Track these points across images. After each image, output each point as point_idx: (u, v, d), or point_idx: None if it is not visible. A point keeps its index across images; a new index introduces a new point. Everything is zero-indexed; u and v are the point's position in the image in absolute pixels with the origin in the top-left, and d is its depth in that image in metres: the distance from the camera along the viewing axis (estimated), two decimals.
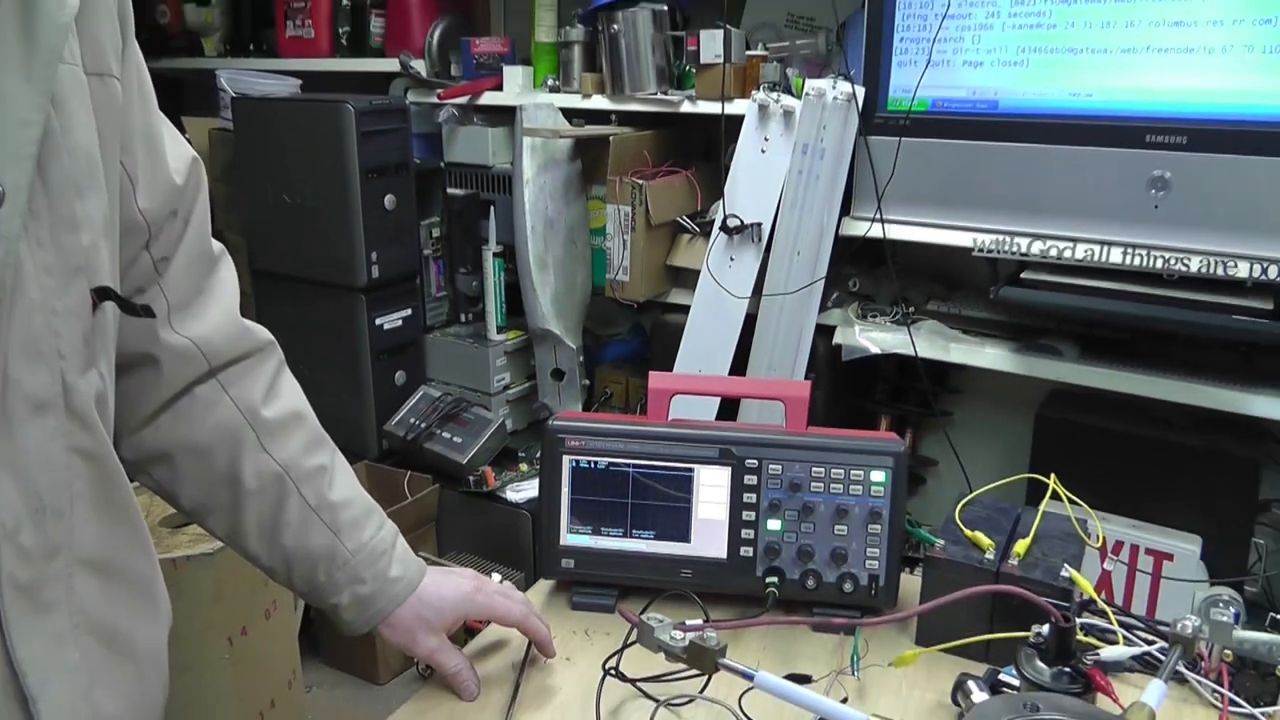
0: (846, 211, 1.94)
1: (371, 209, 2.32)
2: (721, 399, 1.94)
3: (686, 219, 2.22)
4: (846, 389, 2.11)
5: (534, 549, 2.23)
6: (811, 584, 0.97)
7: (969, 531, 0.95)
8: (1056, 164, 1.71)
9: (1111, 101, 1.67)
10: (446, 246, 2.56)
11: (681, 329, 2.11)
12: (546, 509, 1.01)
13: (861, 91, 1.87)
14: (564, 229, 2.30)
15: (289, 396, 0.84)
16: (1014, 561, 0.91)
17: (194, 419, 0.79)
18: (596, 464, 1.00)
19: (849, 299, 2.07)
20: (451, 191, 2.51)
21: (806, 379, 1.98)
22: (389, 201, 2.36)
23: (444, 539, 2.43)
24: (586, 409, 2.45)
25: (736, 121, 2.03)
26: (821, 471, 0.96)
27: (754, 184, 2.01)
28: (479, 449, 2.34)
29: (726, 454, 0.98)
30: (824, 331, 2.00)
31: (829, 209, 1.93)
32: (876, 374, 2.16)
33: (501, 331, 2.47)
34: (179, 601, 0.77)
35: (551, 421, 1.02)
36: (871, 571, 0.96)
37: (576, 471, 1.00)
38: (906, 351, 1.92)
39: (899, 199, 1.88)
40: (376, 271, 2.36)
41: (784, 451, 0.97)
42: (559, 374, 2.41)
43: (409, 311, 2.49)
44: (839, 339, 1.98)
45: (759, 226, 2.00)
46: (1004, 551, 0.93)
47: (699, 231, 2.19)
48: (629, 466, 0.99)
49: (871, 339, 1.94)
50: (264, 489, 0.81)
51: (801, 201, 1.95)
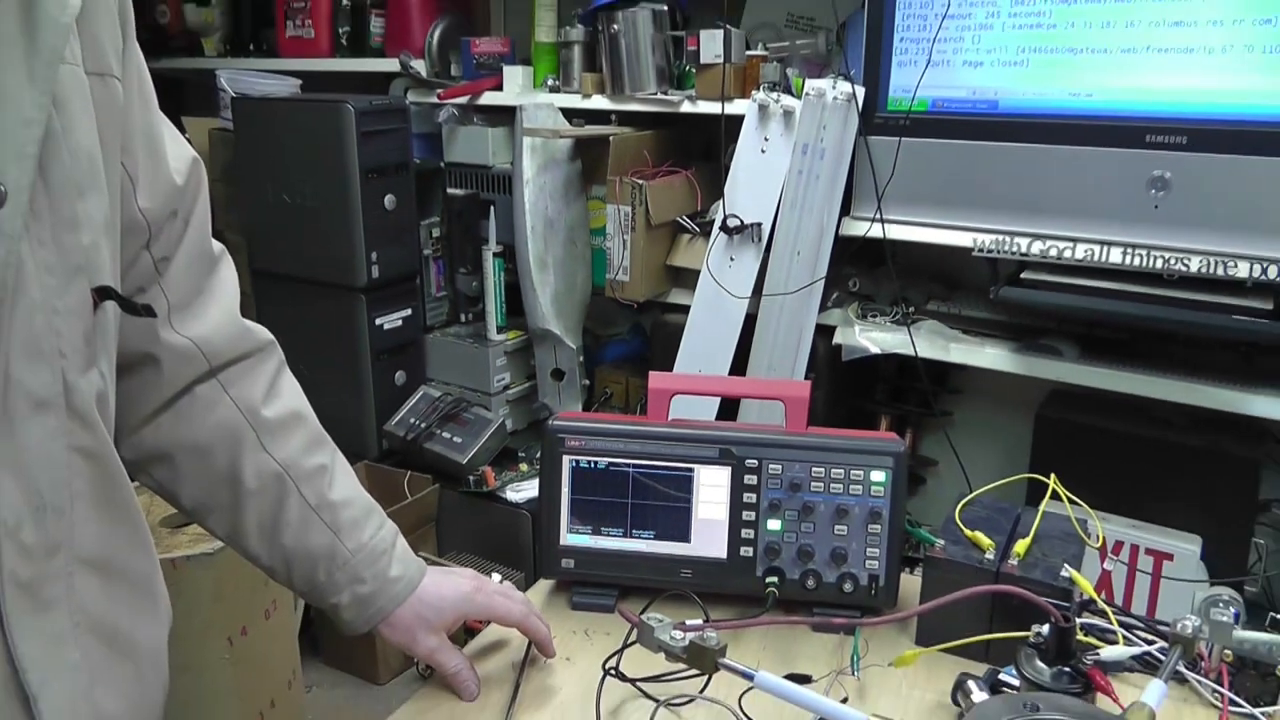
0: (846, 211, 1.94)
1: (371, 209, 2.32)
2: (721, 399, 1.94)
3: (686, 219, 2.22)
4: (846, 389, 2.11)
5: (534, 549, 2.23)
6: (811, 584, 0.97)
7: (969, 531, 0.95)
8: (1056, 164, 1.71)
9: (1111, 101, 1.67)
10: (446, 246, 2.56)
11: (681, 329, 2.11)
12: (546, 509, 1.01)
13: (861, 91, 1.87)
14: (564, 229, 2.30)
15: (289, 396, 0.85)
16: (1014, 561, 0.91)
17: (194, 419, 0.79)
18: (596, 464, 1.00)
19: (849, 299, 2.07)
20: (451, 191, 2.51)
21: (806, 379, 1.98)
22: (389, 201, 2.36)
23: (444, 539, 2.43)
24: (586, 409, 2.45)
25: (736, 121, 2.03)
26: (821, 471, 0.96)
27: (754, 184, 2.01)
28: (479, 449, 2.34)
29: (726, 454, 0.98)
30: (824, 331, 2.01)
31: (829, 209, 1.93)
32: (876, 374, 2.16)
33: (501, 331, 2.47)
34: (179, 601, 0.77)
35: (551, 421, 1.02)
36: (871, 571, 0.96)
37: (576, 471, 1.00)
38: (906, 351, 1.92)
39: (899, 199, 1.88)
40: (376, 271, 2.36)
41: (784, 451, 0.97)
42: (559, 374, 2.41)
43: (409, 311, 2.49)
44: (839, 339, 1.98)
45: (759, 226, 2.00)
46: (1004, 551, 0.93)
47: (699, 231, 2.19)
48: (629, 466, 0.99)
49: (871, 339, 1.94)
50: (264, 489, 0.81)
51: (801, 201, 1.95)
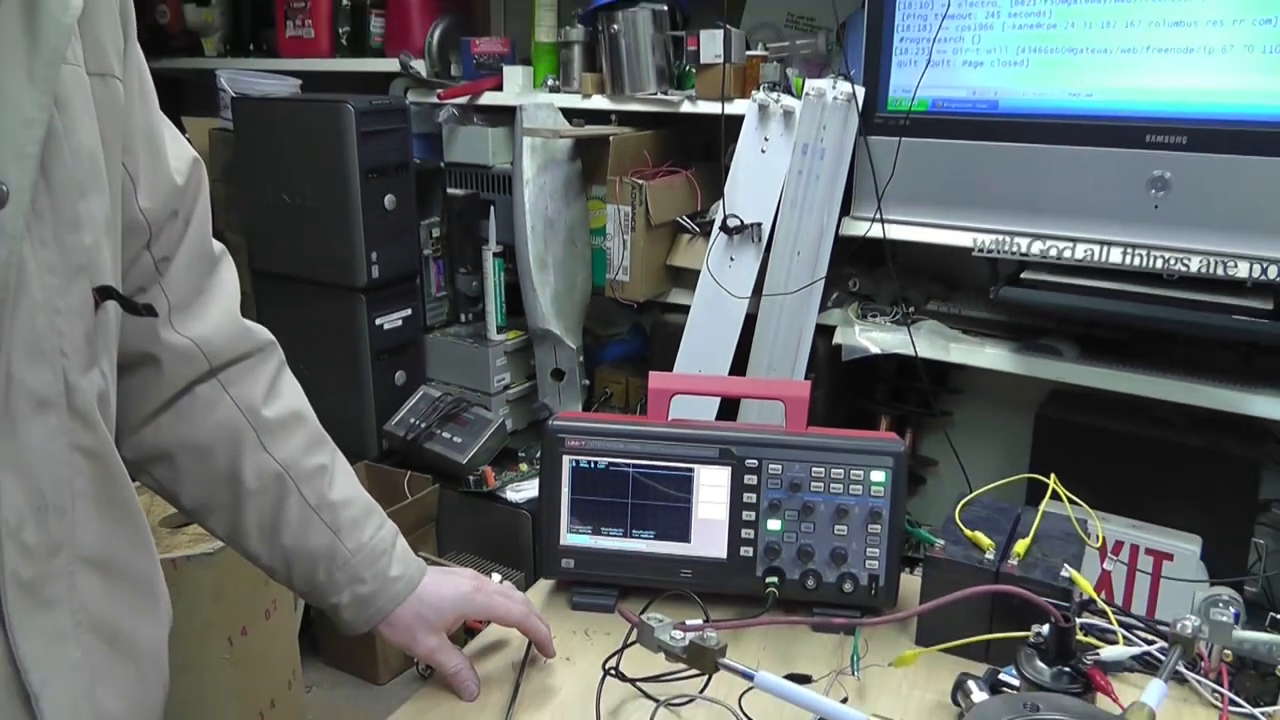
0: (846, 211, 1.94)
1: (371, 209, 2.32)
2: (721, 399, 1.94)
3: (686, 219, 2.22)
4: (846, 389, 2.11)
5: (534, 549, 2.23)
6: (811, 584, 0.97)
7: (969, 531, 0.95)
8: (1056, 164, 1.71)
9: (1111, 101, 1.67)
10: (446, 246, 2.56)
11: (681, 329, 2.11)
12: (546, 509, 1.01)
13: (861, 91, 1.87)
14: (564, 229, 2.31)
15: (289, 396, 0.85)
16: (1014, 561, 0.91)
17: (194, 418, 0.79)
18: (596, 464, 1.00)
19: (849, 299, 2.07)
20: (451, 191, 2.51)
21: (806, 379, 1.98)
22: (389, 201, 2.36)
23: (444, 539, 2.43)
24: (586, 409, 2.45)
25: (736, 121, 2.03)
26: (821, 471, 0.96)
27: (754, 184, 2.01)
28: (479, 449, 2.34)
29: (726, 454, 0.98)
30: (824, 331, 2.01)
31: (829, 209, 1.93)
32: (876, 374, 2.16)
33: (501, 331, 2.47)
34: (179, 601, 0.77)
35: (551, 421, 1.02)
36: (871, 571, 0.96)
37: (576, 471, 1.00)
38: (906, 351, 1.92)
39: (899, 199, 1.88)
40: (376, 271, 2.36)
41: (784, 451, 0.97)
42: (559, 374, 2.41)
43: (409, 311, 2.49)
44: (839, 339, 1.98)
45: (759, 226, 2.00)
46: (1004, 551, 0.93)
47: (699, 231, 2.20)
48: (629, 466, 0.99)
49: (871, 339, 1.94)
50: (264, 488, 0.81)
51: (801, 201, 1.95)
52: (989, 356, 1.90)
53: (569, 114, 2.30)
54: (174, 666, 0.75)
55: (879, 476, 0.96)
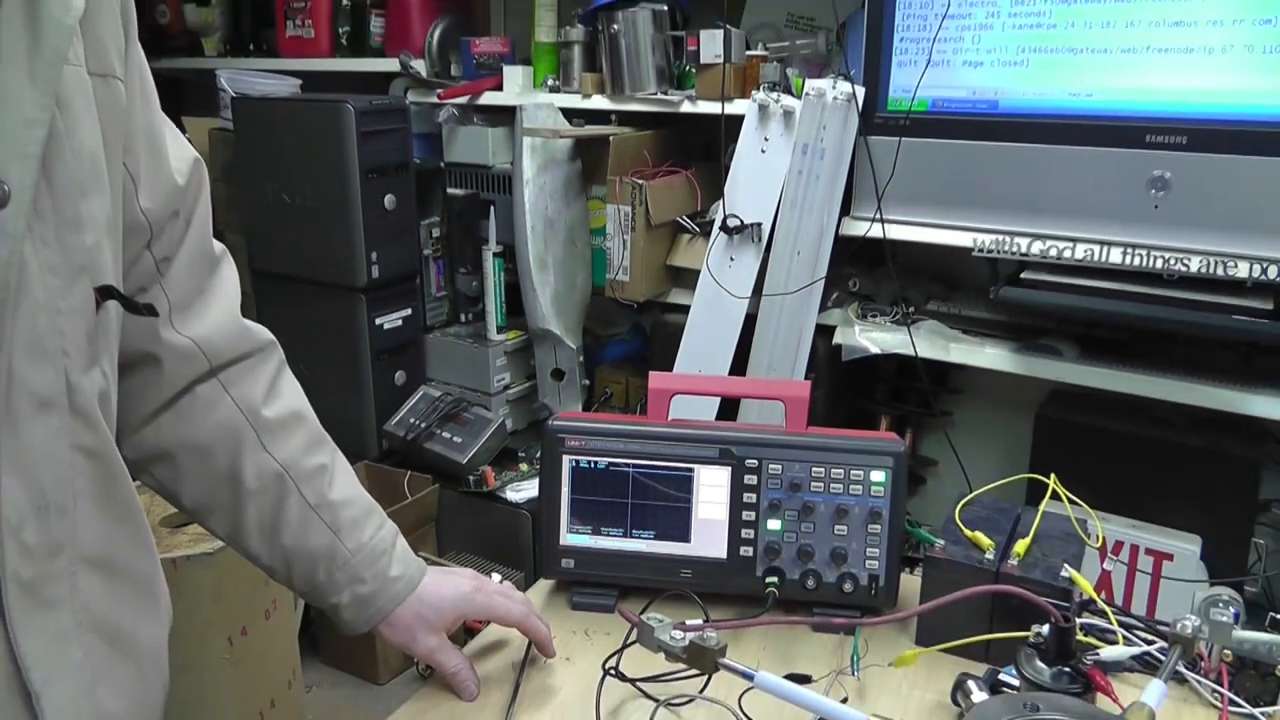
0: (846, 211, 1.94)
1: (371, 209, 2.32)
2: (721, 399, 1.94)
3: (686, 219, 2.22)
4: (846, 389, 2.11)
5: (534, 549, 2.23)
6: (811, 584, 0.97)
7: (969, 531, 0.95)
8: (1056, 164, 1.71)
9: (1111, 101, 1.67)
10: (446, 246, 2.56)
11: (681, 329, 2.11)
12: (546, 509, 1.01)
13: (861, 91, 1.87)
14: (564, 229, 2.31)
15: (289, 396, 0.85)
16: (1014, 561, 0.91)
17: (195, 418, 0.79)
18: (596, 464, 1.00)
19: (849, 299, 2.07)
20: (451, 191, 2.51)
21: (806, 379, 1.98)
22: (389, 201, 2.36)
23: (444, 539, 2.44)
24: (586, 409, 2.45)
25: (736, 121, 2.03)
26: (821, 471, 0.96)
27: (754, 184, 2.01)
28: (479, 449, 2.34)
29: (726, 454, 0.98)
30: (824, 331, 2.01)
31: (829, 209, 1.93)
32: (876, 374, 2.16)
33: (501, 331, 2.47)
34: (179, 601, 0.77)
35: (551, 421, 1.02)
36: (871, 571, 0.96)
37: (576, 471, 1.00)
38: (906, 351, 1.92)
39: (899, 199, 1.88)
40: (376, 271, 2.36)
41: (784, 451, 0.97)
42: (559, 374, 2.41)
43: (409, 311, 2.49)
44: (839, 339, 1.98)
45: (759, 226, 2.00)
46: (1004, 551, 0.93)
47: (699, 231, 2.20)
48: (629, 466, 0.99)
49: (871, 339, 1.94)
50: (264, 488, 0.81)
51: (801, 201, 1.95)
52: (989, 356, 1.90)
53: (569, 114, 2.30)
54: (174, 666, 0.75)
55: (879, 476, 0.96)
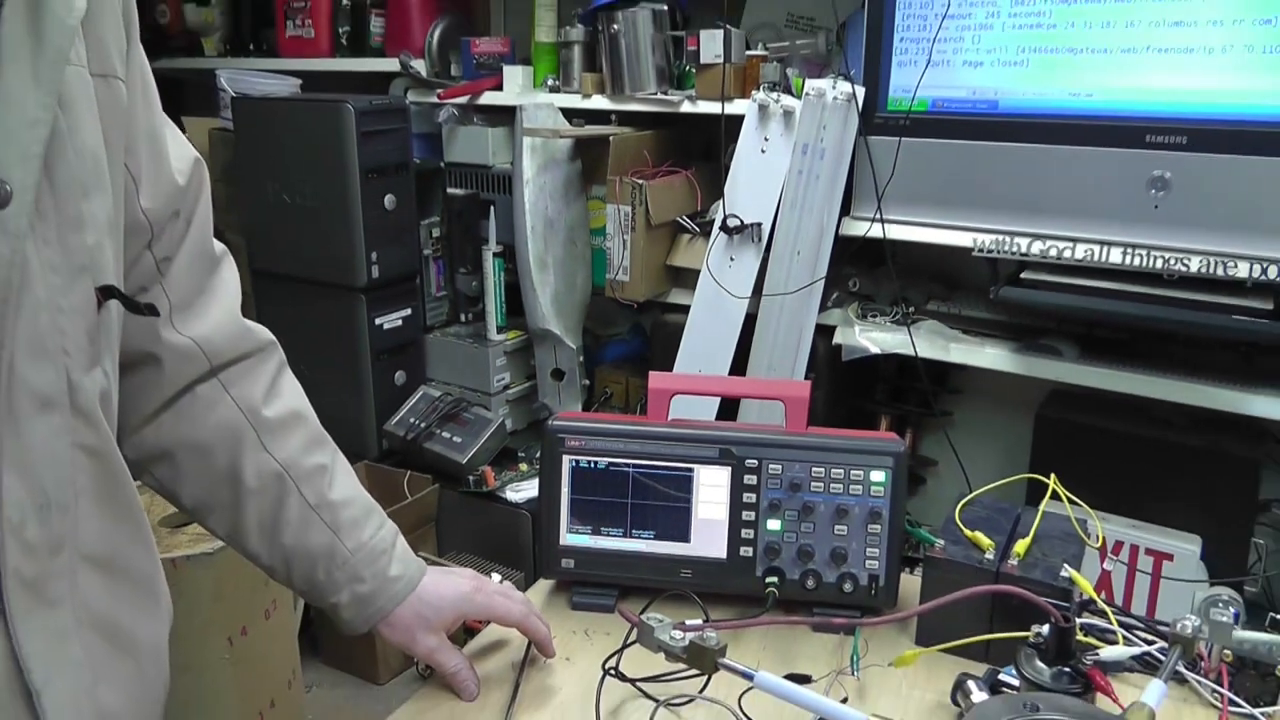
0: (846, 211, 1.94)
1: (371, 209, 2.32)
2: (721, 399, 1.94)
3: (686, 219, 2.22)
4: (846, 389, 2.11)
5: (534, 549, 2.23)
6: (811, 584, 0.97)
7: (969, 531, 0.95)
8: (1056, 164, 1.71)
9: (1111, 101, 1.67)
10: (446, 246, 2.56)
11: (681, 329, 2.11)
12: (546, 509, 1.01)
13: (861, 91, 1.87)
14: (564, 229, 2.31)
15: (290, 396, 0.85)
16: (1014, 561, 0.91)
17: (195, 418, 0.80)
18: (596, 464, 1.00)
19: (849, 299, 2.07)
20: (451, 191, 2.51)
21: (806, 379, 1.98)
22: (389, 201, 2.36)
23: (444, 539, 2.44)
24: (586, 409, 2.45)
25: (736, 121, 2.03)
26: (821, 471, 0.96)
27: (754, 184, 2.01)
28: (479, 449, 2.34)
29: (726, 454, 0.98)
30: (824, 331, 2.01)
31: (829, 209, 1.93)
32: (876, 374, 2.16)
33: (501, 331, 2.47)
34: (179, 601, 0.77)
35: (551, 421, 1.02)
36: (871, 571, 0.96)
37: (576, 471, 1.00)
38: (906, 351, 1.92)
39: (899, 199, 1.88)
40: (376, 271, 2.36)
41: (784, 451, 0.97)
42: (559, 374, 2.41)
43: (409, 311, 2.49)
44: (839, 339, 1.98)
45: (759, 226, 2.00)
46: (1004, 551, 0.93)
47: (699, 231, 2.20)
48: (629, 466, 0.99)
49: (871, 339, 1.94)
50: (264, 488, 0.81)
51: (801, 201, 1.95)
52: (989, 356, 1.90)
53: (569, 114, 2.30)
54: (174, 666, 0.75)
55: (879, 476, 0.96)
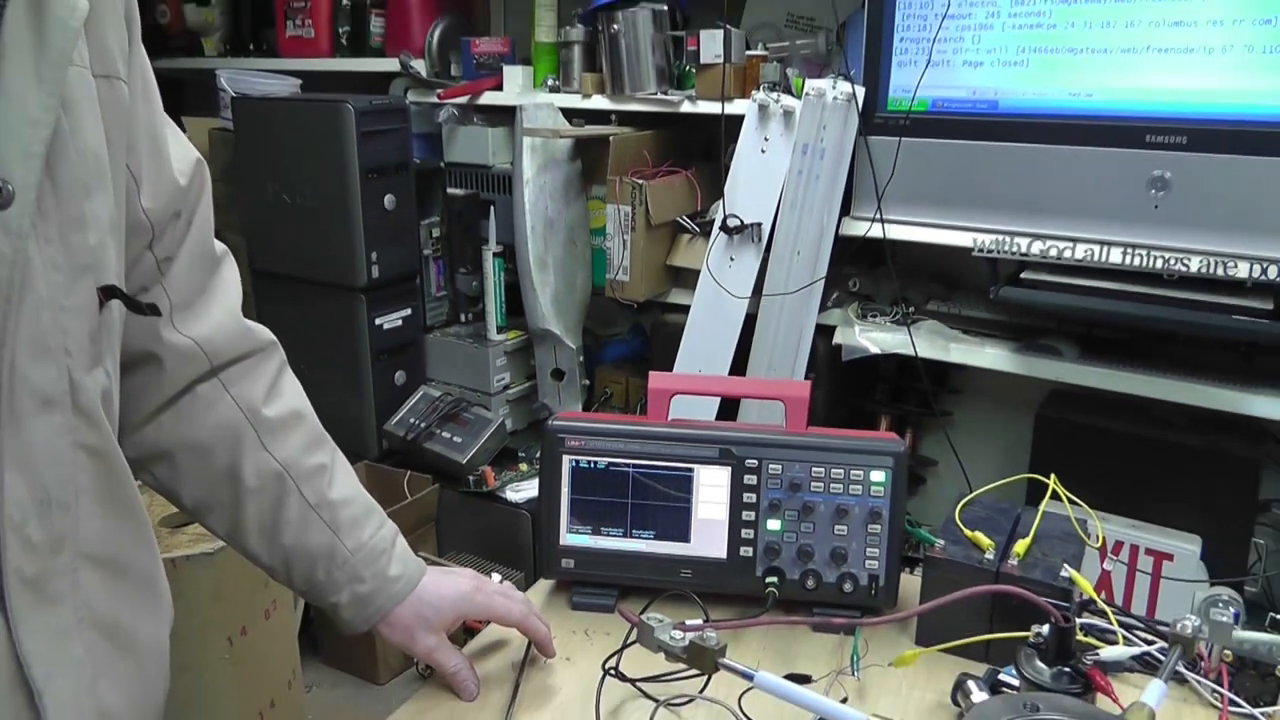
0: (846, 211, 1.94)
1: (371, 209, 2.32)
2: (721, 399, 1.94)
3: (686, 219, 2.22)
4: (846, 389, 2.11)
5: (534, 549, 2.23)
6: (811, 584, 0.97)
7: (969, 531, 0.95)
8: (1056, 164, 1.71)
9: (1111, 101, 1.67)
10: (446, 246, 2.56)
11: (681, 329, 2.11)
12: (546, 509, 1.01)
13: (861, 91, 1.87)
14: (564, 229, 2.31)
15: (290, 396, 0.85)
16: (1014, 561, 0.91)
17: (195, 417, 0.80)
18: (596, 464, 1.00)
19: (849, 299, 2.07)
20: (451, 191, 2.51)
21: (806, 379, 1.98)
22: (389, 201, 2.36)
23: (444, 539, 2.44)
24: (586, 409, 2.45)
25: (736, 121, 2.03)
26: (821, 471, 0.96)
27: (754, 184, 2.01)
28: (479, 449, 2.34)
29: (726, 454, 0.98)
30: (824, 331, 2.01)
31: (829, 209, 1.93)
32: (876, 374, 2.16)
33: (501, 331, 2.47)
34: (179, 601, 0.77)
35: (551, 421, 1.02)
36: (871, 571, 0.96)
37: (576, 471, 1.00)
38: (906, 351, 1.92)
39: (899, 199, 1.88)
40: (376, 271, 2.36)
41: (784, 451, 0.97)
42: (559, 374, 2.41)
43: (409, 311, 2.49)
44: (839, 339, 1.98)
45: (759, 226, 2.00)
46: (1004, 551, 0.93)
47: (699, 231, 2.20)
48: (629, 466, 0.99)
49: (871, 339, 1.94)
50: (264, 487, 0.81)
51: (801, 201, 1.95)
52: (989, 356, 1.90)
53: (569, 114, 2.30)
54: (174, 666, 0.75)
55: (879, 476, 0.96)
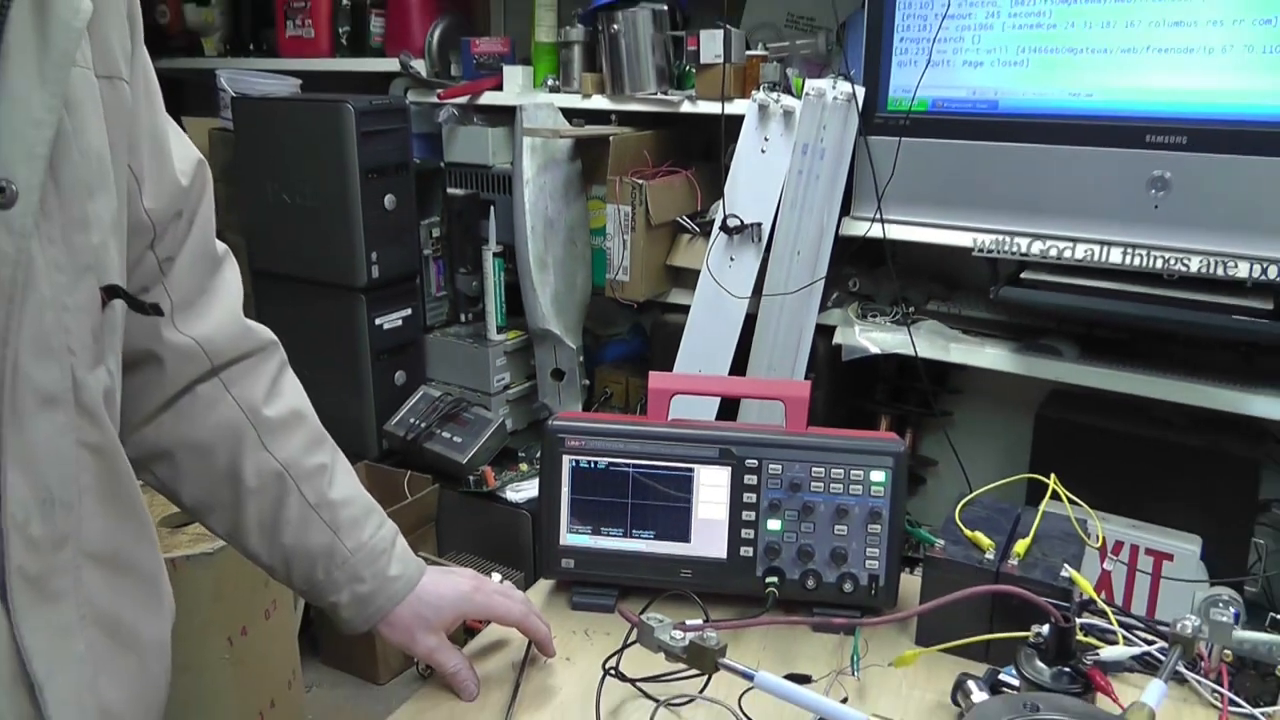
0: (846, 211, 1.94)
1: (371, 209, 2.32)
2: (721, 399, 1.94)
3: (686, 219, 2.22)
4: (846, 389, 2.11)
5: (534, 549, 2.23)
6: (811, 584, 0.97)
7: (969, 531, 0.96)
8: (1056, 164, 1.71)
9: (1111, 101, 1.67)
10: (446, 246, 2.56)
11: (681, 329, 2.11)
12: (546, 509, 1.01)
13: (861, 91, 1.87)
14: (564, 229, 2.31)
15: (290, 396, 0.85)
16: (1014, 561, 0.91)
17: (196, 417, 0.80)
18: (596, 464, 1.00)
19: (849, 299, 2.07)
20: (451, 191, 2.51)
21: (806, 379, 1.98)
22: (389, 201, 2.36)
23: (444, 539, 2.44)
24: (586, 409, 2.45)
25: (736, 121, 2.03)
26: (821, 471, 0.96)
27: (754, 184, 2.01)
28: (479, 449, 2.34)
29: (726, 454, 0.98)
30: (824, 331, 2.01)
31: (829, 209, 1.93)
32: (876, 374, 2.16)
33: (501, 331, 2.47)
34: (179, 601, 0.77)
35: (551, 421, 1.02)
36: (871, 571, 0.96)
37: (576, 471, 1.00)
38: (906, 351, 1.92)
39: (899, 199, 1.88)
40: (376, 271, 2.36)
41: (784, 451, 0.97)
42: (559, 374, 2.41)
43: (409, 311, 2.49)
44: (839, 339, 1.98)
45: (759, 226, 2.00)
46: (1004, 551, 0.93)
47: (699, 231, 2.20)
48: (629, 466, 0.99)
49: (871, 339, 1.94)
50: (264, 487, 0.81)
51: (801, 201, 1.95)
52: (989, 356, 1.90)
53: (569, 114, 2.30)
54: (174, 666, 0.75)
55: (879, 476, 0.96)
